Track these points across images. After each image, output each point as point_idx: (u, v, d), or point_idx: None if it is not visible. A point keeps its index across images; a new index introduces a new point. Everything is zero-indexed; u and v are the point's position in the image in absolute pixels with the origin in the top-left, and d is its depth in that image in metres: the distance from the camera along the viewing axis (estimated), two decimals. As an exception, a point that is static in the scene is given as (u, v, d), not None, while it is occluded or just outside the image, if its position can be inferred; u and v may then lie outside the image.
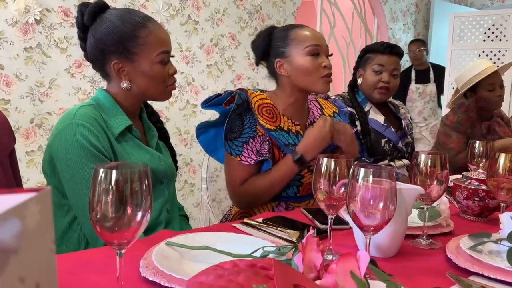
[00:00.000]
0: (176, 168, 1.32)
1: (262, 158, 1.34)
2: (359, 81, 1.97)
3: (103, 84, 1.21)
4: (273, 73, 1.48)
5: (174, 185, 1.29)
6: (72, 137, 1.02)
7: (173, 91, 1.21)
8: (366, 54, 1.96)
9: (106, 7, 1.14)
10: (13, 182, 1.06)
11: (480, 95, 2.20)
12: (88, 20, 1.12)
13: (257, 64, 1.53)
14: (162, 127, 1.33)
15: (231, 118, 1.36)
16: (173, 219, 1.23)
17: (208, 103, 1.37)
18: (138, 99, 1.18)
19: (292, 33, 1.41)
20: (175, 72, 1.18)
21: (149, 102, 1.32)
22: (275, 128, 1.37)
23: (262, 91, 1.47)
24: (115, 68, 1.11)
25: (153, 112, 1.34)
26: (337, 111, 1.59)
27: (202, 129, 1.47)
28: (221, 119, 1.41)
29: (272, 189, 1.36)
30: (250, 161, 1.34)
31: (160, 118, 1.36)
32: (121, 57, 1.10)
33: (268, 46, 1.45)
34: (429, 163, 0.99)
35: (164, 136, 1.33)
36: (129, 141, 1.13)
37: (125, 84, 1.12)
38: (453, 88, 2.48)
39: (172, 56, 1.19)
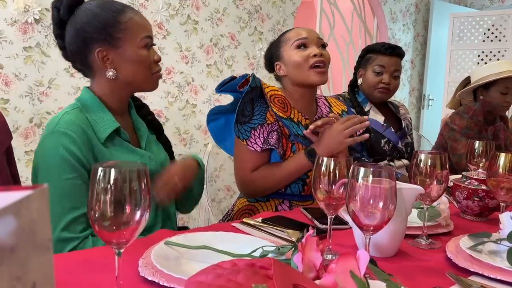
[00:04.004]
0: (173, 159, 1.30)
1: (269, 147, 1.36)
2: (360, 81, 1.97)
3: None
4: (278, 78, 1.54)
5: None
6: (53, 146, 1.01)
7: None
8: (367, 54, 1.96)
9: (81, 0, 1.12)
10: (10, 181, 1.05)
11: (491, 95, 2.13)
12: (65, 14, 1.09)
13: (277, 78, 1.56)
14: (153, 118, 1.30)
15: (244, 100, 1.37)
16: (170, 217, 1.23)
17: (223, 87, 1.38)
18: (124, 91, 1.14)
19: (283, 35, 1.49)
20: (160, 59, 1.16)
21: (140, 98, 1.30)
22: (286, 117, 1.40)
23: (273, 86, 1.50)
24: (99, 57, 1.08)
25: (142, 105, 1.30)
26: (346, 110, 1.62)
27: (213, 116, 1.49)
28: (232, 106, 1.42)
29: (284, 181, 1.38)
30: (256, 147, 1.36)
31: (151, 111, 1.32)
32: (104, 44, 1.08)
33: (270, 57, 1.53)
34: (429, 163, 0.99)
35: (156, 127, 1.30)
36: (117, 145, 1.10)
37: (110, 73, 1.09)
38: (453, 88, 2.47)
39: (154, 45, 1.17)
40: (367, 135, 1.36)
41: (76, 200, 0.99)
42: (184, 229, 1.33)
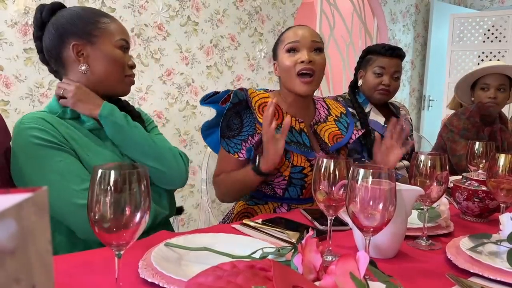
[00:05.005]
0: None
1: (249, 146, 1.35)
2: (360, 82, 1.97)
3: None
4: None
5: None
6: (26, 143, 1.01)
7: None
8: (368, 55, 1.95)
9: (64, 6, 1.17)
10: (8, 181, 1.04)
11: (476, 94, 2.16)
12: (47, 16, 1.13)
13: None
14: (131, 109, 1.25)
15: (227, 116, 1.37)
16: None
17: (206, 100, 1.39)
18: (96, 89, 1.13)
19: (282, 35, 1.45)
20: (134, 66, 1.18)
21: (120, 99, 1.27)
22: (275, 126, 1.37)
23: (266, 90, 1.48)
24: (74, 51, 1.09)
25: (118, 98, 1.24)
26: (344, 112, 1.59)
27: (207, 132, 1.48)
28: (219, 118, 1.41)
29: (236, 189, 1.38)
30: (246, 156, 1.37)
31: (130, 104, 1.28)
32: (81, 39, 1.10)
33: (274, 53, 1.51)
34: (429, 164, 0.99)
35: (137, 115, 1.24)
36: (90, 136, 1.11)
37: (83, 67, 1.10)
38: (453, 89, 2.48)
39: (129, 49, 1.18)
40: (287, 120, 1.24)
41: (81, 172, 1.02)
42: (180, 209, 1.34)
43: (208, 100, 1.38)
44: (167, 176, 1.18)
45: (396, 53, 1.88)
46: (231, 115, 1.38)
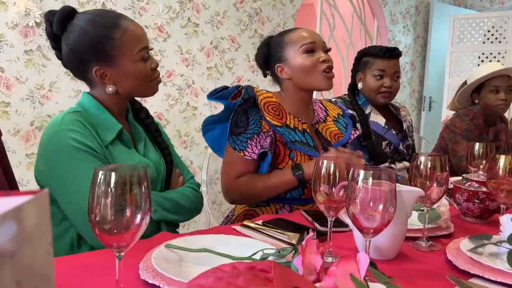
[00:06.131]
0: (170, 161, 1.26)
1: (263, 150, 1.35)
2: (360, 85, 1.96)
3: None
4: (276, 79, 1.52)
5: (162, 184, 1.24)
6: (64, 143, 1.01)
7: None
8: (364, 57, 1.95)
9: (73, 12, 1.10)
10: (3, 180, 1.04)
11: (484, 97, 2.15)
12: (58, 29, 1.08)
13: (265, 75, 1.57)
14: (152, 121, 1.28)
15: (237, 112, 1.37)
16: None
17: (214, 95, 1.38)
18: (125, 99, 1.17)
19: (286, 36, 1.45)
20: (157, 65, 1.17)
21: (138, 101, 1.30)
22: (281, 124, 1.39)
23: (267, 91, 1.49)
24: (97, 75, 1.09)
25: (141, 108, 1.29)
26: (341, 113, 1.61)
27: (208, 126, 1.48)
28: (226, 114, 1.41)
29: (266, 193, 1.38)
30: (253, 155, 1.35)
31: (150, 114, 1.31)
32: (101, 63, 1.08)
33: (267, 56, 1.50)
34: (429, 165, 0.99)
35: (155, 130, 1.28)
36: (117, 147, 1.11)
37: (110, 89, 1.10)
38: (453, 90, 2.48)
39: (151, 49, 1.17)
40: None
41: None
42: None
43: (217, 95, 1.37)
44: (190, 217, 1.25)
45: (394, 54, 1.88)
46: (240, 112, 1.39)
